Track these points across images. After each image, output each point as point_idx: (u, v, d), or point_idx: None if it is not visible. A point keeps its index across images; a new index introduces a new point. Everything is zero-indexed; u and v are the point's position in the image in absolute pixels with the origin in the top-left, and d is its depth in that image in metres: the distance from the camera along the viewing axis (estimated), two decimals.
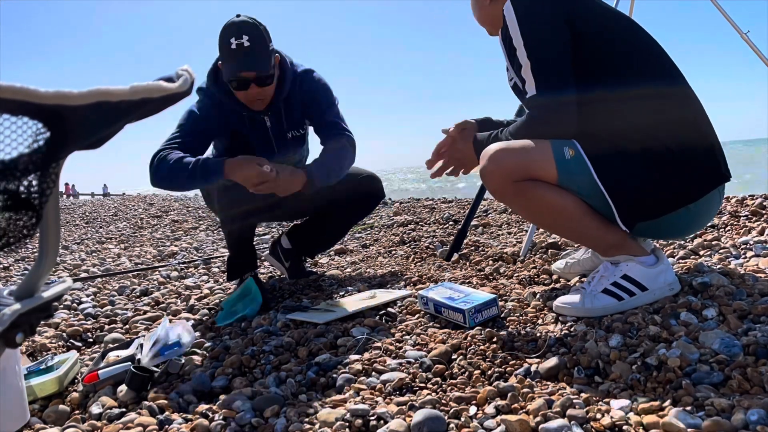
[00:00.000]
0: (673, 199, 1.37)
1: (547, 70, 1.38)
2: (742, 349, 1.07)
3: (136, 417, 1.13)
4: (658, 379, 1.03)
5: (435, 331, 1.43)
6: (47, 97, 0.43)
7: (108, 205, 9.07)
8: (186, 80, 0.55)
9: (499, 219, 3.31)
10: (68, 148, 0.51)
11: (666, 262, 1.43)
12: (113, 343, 1.69)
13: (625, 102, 1.38)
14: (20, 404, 1.19)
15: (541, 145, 1.39)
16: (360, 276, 2.31)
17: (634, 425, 0.90)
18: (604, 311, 1.38)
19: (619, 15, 1.51)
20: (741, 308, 1.25)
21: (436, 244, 2.77)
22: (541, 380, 1.12)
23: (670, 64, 1.45)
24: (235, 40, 1.81)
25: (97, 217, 6.85)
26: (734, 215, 2.33)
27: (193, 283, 2.54)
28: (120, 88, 0.48)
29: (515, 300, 1.62)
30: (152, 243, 4.20)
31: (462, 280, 1.96)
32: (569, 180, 1.38)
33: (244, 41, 1.81)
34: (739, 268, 1.62)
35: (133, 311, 2.09)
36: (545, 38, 1.38)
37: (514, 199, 1.46)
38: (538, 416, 0.94)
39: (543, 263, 2.03)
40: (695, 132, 1.39)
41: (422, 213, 4.05)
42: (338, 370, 1.25)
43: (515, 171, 1.40)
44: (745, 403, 0.88)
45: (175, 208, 7.01)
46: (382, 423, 0.99)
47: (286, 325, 1.63)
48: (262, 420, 1.07)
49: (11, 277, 3.13)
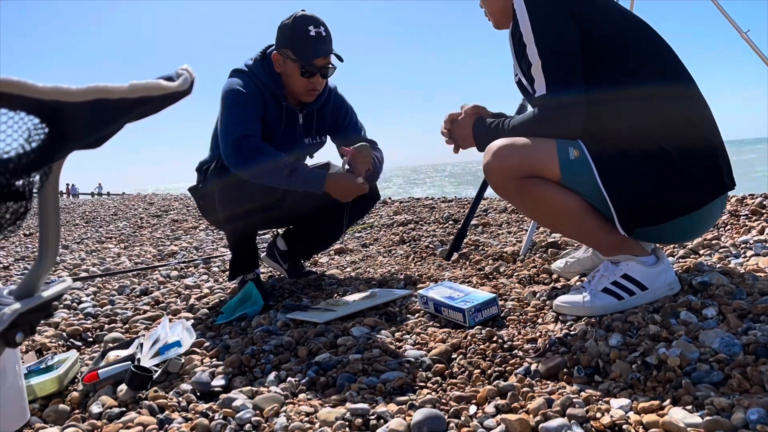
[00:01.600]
0: (675, 207, 1.37)
1: (558, 69, 1.36)
2: (741, 349, 1.07)
3: (136, 416, 1.12)
4: (658, 378, 1.03)
5: (435, 331, 1.43)
6: (45, 92, 0.43)
7: (108, 204, 9.07)
8: (186, 79, 0.55)
9: (499, 218, 3.31)
10: (67, 146, 0.51)
11: (666, 262, 1.42)
12: (113, 343, 1.69)
13: (632, 104, 1.37)
14: (20, 404, 1.19)
15: (545, 144, 1.39)
16: (360, 275, 2.31)
17: (633, 424, 0.89)
18: (604, 310, 1.38)
19: (629, 14, 1.50)
20: (741, 307, 1.25)
21: (435, 244, 2.77)
22: (541, 379, 1.12)
23: (678, 65, 1.44)
24: (314, 29, 1.94)
25: (96, 217, 6.85)
26: (734, 214, 2.32)
27: (193, 282, 2.54)
28: (119, 86, 0.48)
29: (515, 299, 1.62)
30: (152, 242, 4.20)
31: (462, 279, 1.96)
32: (572, 180, 1.38)
33: (322, 30, 1.96)
34: (738, 267, 1.62)
35: (133, 311, 2.09)
36: (557, 37, 1.37)
37: (517, 196, 1.45)
38: (538, 415, 0.94)
39: (543, 262, 2.03)
40: (700, 138, 1.38)
41: (422, 212, 4.05)
42: (338, 369, 1.25)
43: (519, 168, 1.39)
44: (745, 402, 0.88)
45: (175, 208, 7.01)
46: (382, 422, 0.99)
47: (286, 324, 1.63)
48: (261, 419, 1.07)
49: (11, 277, 3.13)
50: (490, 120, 1.56)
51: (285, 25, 1.98)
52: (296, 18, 1.97)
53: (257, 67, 2.02)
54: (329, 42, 1.98)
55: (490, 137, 1.48)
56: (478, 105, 1.67)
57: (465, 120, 1.63)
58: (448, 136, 1.68)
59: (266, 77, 2.01)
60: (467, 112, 1.65)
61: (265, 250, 2.44)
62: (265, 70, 2.02)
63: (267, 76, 2.01)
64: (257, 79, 2.01)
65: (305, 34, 1.94)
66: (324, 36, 1.96)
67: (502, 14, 1.57)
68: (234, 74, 2.04)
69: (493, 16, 1.63)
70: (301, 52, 1.95)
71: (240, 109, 1.94)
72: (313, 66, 1.96)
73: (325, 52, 1.97)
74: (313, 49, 1.95)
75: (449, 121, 1.68)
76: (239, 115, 1.93)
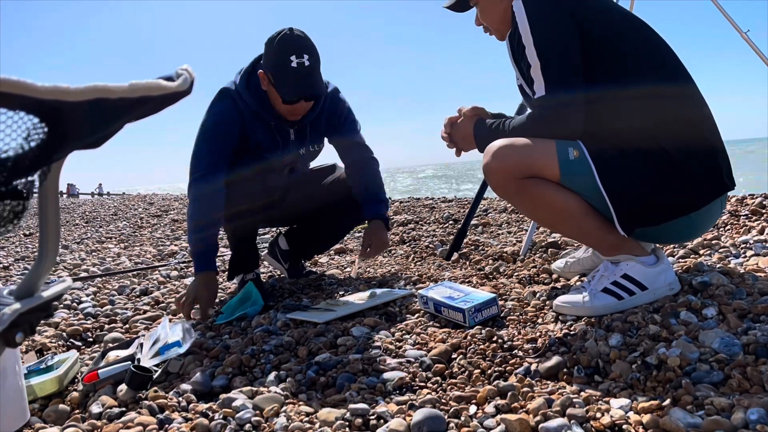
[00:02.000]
0: (675, 207, 1.37)
1: (558, 70, 1.36)
2: (741, 348, 1.07)
3: (136, 416, 1.12)
4: (658, 378, 1.03)
5: (435, 331, 1.43)
6: (45, 91, 0.43)
7: (108, 204, 9.07)
8: (186, 79, 0.55)
9: (499, 218, 3.31)
10: (67, 146, 0.51)
11: (666, 262, 1.42)
12: (113, 343, 1.69)
13: (631, 104, 1.37)
14: (20, 404, 1.19)
15: (545, 144, 1.39)
16: (360, 275, 2.31)
17: (633, 424, 0.89)
18: (604, 310, 1.38)
19: (628, 15, 1.50)
20: (741, 307, 1.25)
21: (435, 244, 2.77)
22: (541, 379, 1.12)
23: (678, 65, 1.44)
24: (297, 59, 1.79)
25: (97, 217, 6.85)
26: (734, 214, 2.32)
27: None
28: (119, 86, 0.47)
29: (515, 299, 1.62)
30: (152, 242, 4.20)
31: (462, 279, 1.96)
32: (571, 181, 1.38)
33: (305, 60, 1.80)
34: (738, 267, 1.62)
35: (132, 311, 2.09)
36: (556, 38, 1.37)
37: (516, 196, 1.45)
38: (538, 415, 0.94)
39: (543, 262, 2.03)
40: (700, 139, 1.38)
41: (422, 212, 4.05)
42: (338, 369, 1.25)
43: (518, 168, 1.39)
44: (745, 402, 0.88)
45: (175, 208, 7.01)
46: (382, 422, 0.99)
47: (286, 324, 1.63)
48: (261, 419, 1.07)
49: (11, 277, 3.13)
50: (490, 121, 1.56)
51: (269, 46, 1.87)
52: (280, 42, 1.83)
53: (242, 86, 1.94)
54: (312, 74, 1.84)
55: (490, 138, 1.48)
56: (476, 106, 1.67)
57: (464, 122, 1.63)
58: (448, 140, 1.68)
59: (251, 98, 1.93)
60: (466, 114, 1.64)
61: (267, 248, 2.44)
62: (251, 91, 1.94)
63: (252, 97, 1.93)
64: (242, 102, 1.94)
65: (286, 65, 1.80)
66: (307, 67, 1.81)
67: (501, 22, 1.55)
68: (219, 97, 1.98)
69: (495, 28, 1.59)
70: (279, 86, 1.85)
71: (208, 144, 1.93)
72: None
73: (302, 92, 1.85)
74: (292, 87, 1.83)
75: (449, 125, 1.67)
76: (204, 150, 1.93)
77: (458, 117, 1.66)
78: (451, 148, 1.68)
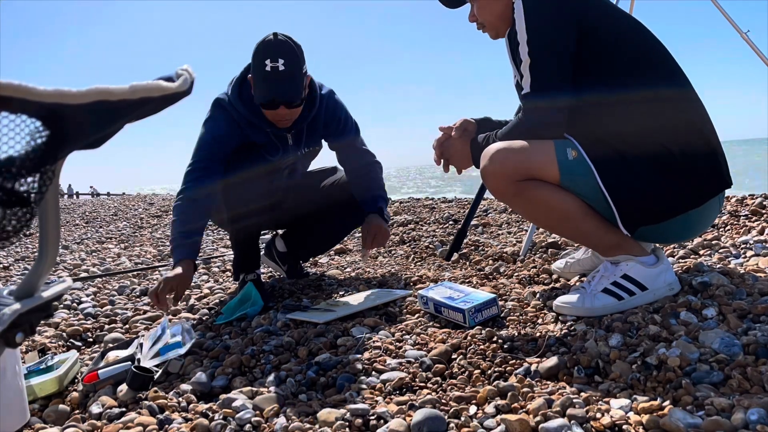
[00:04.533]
0: (675, 204, 1.37)
1: (545, 70, 1.37)
2: (741, 349, 1.07)
3: (136, 417, 1.13)
4: (658, 378, 1.03)
5: (435, 331, 1.43)
6: (46, 95, 0.43)
7: (108, 204, 9.07)
8: (186, 80, 0.55)
9: (499, 219, 3.31)
10: (67, 147, 0.51)
11: (666, 262, 1.43)
12: (113, 343, 1.69)
13: (630, 105, 1.37)
14: (20, 404, 1.19)
15: (543, 146, 1.39)
16: (360, 275, 2.31)
17: (633, 425, 0.90)
18: (604, 311, 1.38)
19: (627, 16, 1.50)
20: (741, 308, 1.25)
21: (436, 244, 2.77)
22: (541, 380, 1.12)
23: (675, 67, 1.44)
24: (271, 63, 1.79)
25: (97, 217, 6.85)
26: (734, 215, 2.33)
27: (193, 282, 2.54)
28: (119, 88, 0.48)
29: (515, 300, 1.62)
30: (152, 242, 4.20)
31: (462, 279, 1.96)
32: (571, 181, 1.38)
33: (280, 65, 1.79)
34: (739, 267, 1.62)
35: (133, 311, 2.09)
36: (549, 37, 1.37)
37: (515, 199, 1.45)
38: (538, 416, 0.94)
39: (543, 263, 2.03)
40: (699, 137, 1.38)
41: (422, 212, 4.05)
42: (338, 369, 1.25)
43: (516, 171, 1.39)
44: (745, 403, 0.88)
45: None
46: (382, 422, 0.99)
47: (286, 324, 1.63)
48: (261, 419, 1.07)
49: (11, 277, 3.13)
50: (481, 137, 1.57)
51: (254, 50, 1.86)
52: (259, 46, 1.83)
53: (235, 96, 1.94)
54: (284, 79, 1.80)
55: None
56: (461, 123, 1.67)
57: (456, 142, 1.63)
58: (444, 164, 1.68)
59: (243, 108, 1.93)
60: (457, 131, 1.64)
61: (264, 249, 2.44)
62: (242, 100, 1.93)
63: (244, 105, 1.93)
64: (235, 112, 1.93)
65: (261, 69, 1.80)
66: (280, 72, 1.78)
67: (500, 20, 1.54)
68: (213, 108, 1.98)
69: (491, 24, 1.57)
70: (256, 89, 1.85)
71: (201, 151, 1.93)
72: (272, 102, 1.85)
73: (278, 93, 1.82)
74: (264, 91, 1.82)
75: (438, 147, 1.68)
76: (199, 158, 1.93)
77: (445, 136, 1.67)
78: (447, 171, 1.69)
